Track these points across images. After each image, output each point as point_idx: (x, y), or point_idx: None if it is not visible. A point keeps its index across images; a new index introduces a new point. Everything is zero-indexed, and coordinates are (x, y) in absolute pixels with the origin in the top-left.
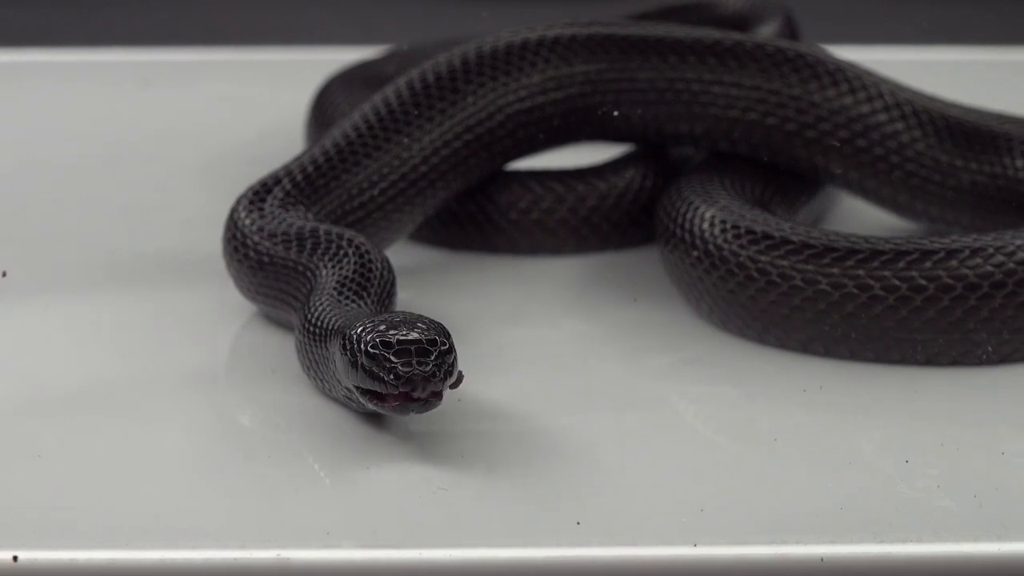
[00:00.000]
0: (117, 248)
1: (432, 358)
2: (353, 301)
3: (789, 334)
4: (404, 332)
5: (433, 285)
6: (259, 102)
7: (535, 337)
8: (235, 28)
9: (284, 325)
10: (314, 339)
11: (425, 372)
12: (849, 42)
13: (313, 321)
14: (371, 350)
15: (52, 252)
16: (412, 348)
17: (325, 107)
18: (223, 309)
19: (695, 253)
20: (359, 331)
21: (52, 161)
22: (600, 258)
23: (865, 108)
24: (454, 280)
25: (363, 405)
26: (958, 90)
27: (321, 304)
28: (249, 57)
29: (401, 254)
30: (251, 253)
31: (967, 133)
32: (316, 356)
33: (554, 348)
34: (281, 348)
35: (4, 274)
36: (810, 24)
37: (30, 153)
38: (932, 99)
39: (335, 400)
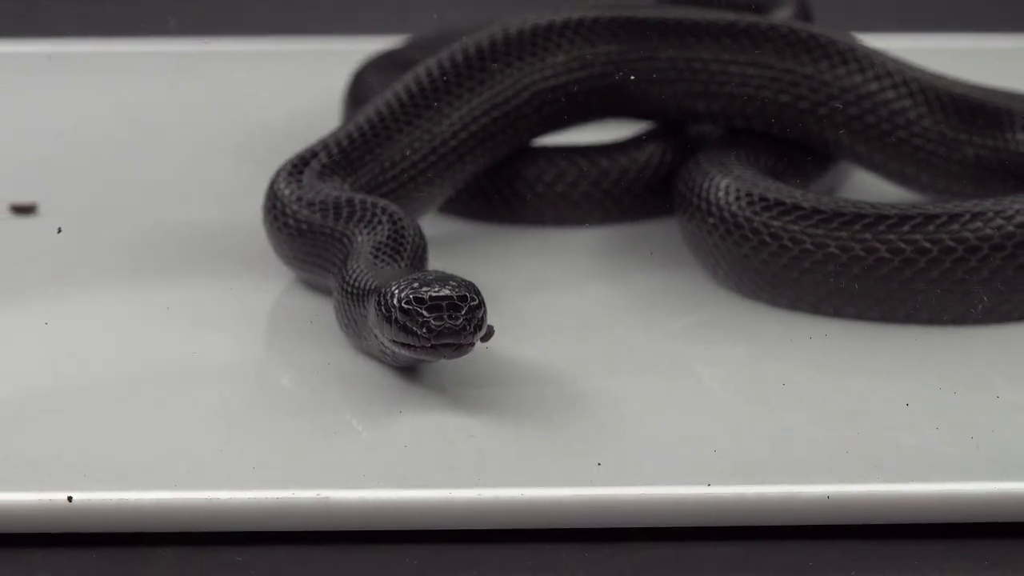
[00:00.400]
0: (163, 219)
1: (463, 312)
2: (387, 264)
3: (800, 296)
4: (436, 289)
5: (463, 255)
6: (296, 88)
7: (560, 303)
8: (269, 18)
9: (322, 290)
10: (352, 299)
11: (456, 325)
12: (863, 30)
13: (350, 282)
14: (405, 306)
15: (102, 224)
16: (443, 303)
17: (360, 89)
18: (263, 274)
19: (711, 220)
20: (394, 289)
21: (101, 142)
22: (621, 229)
23: (874, 86)
24: (483, 250)
25: (397, 358)
26: (970, 76)
27: (358, 267)
28: (285, 47)
29: (431, 226)
30: (290, 221)
31: (971, 109)
32: (354, 314)
33: (578, 312)
34: (318, 311)
35: (60, 230)
36: (825, 13)
37: (78, 135)
38: (938, 77)
39: (371, 356)
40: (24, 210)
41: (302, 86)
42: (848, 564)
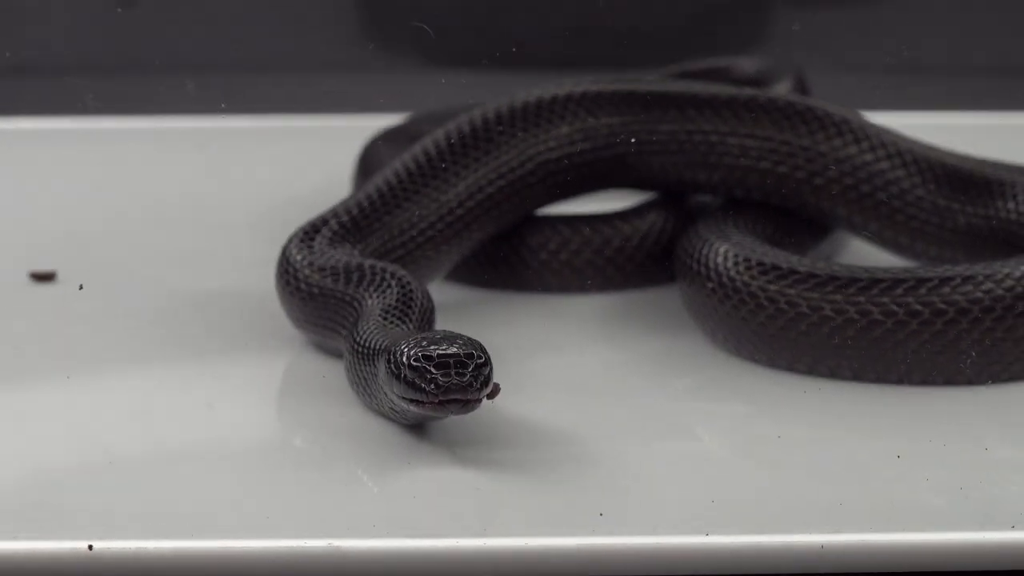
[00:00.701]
0: (179, 287)
1: (470, 369)
2: (396, 325)
3: (796, 357)
4: (444, 347)
5: (470, 319)
6: (307, 163)
7: (564, 364)
8: (279, 97)
9: (333, 352)
10: (362, 358)
11: (463, 382)
12: (858, 106)
13: (361, 343)
14: (414, 363)
15: (120, 291)
16: (451, 360)
17: (370, 161)
18: (276, 338)
19: (710, 284)
20: (403, 347)
21: (120, 214)
22: (624, 295)
23: (868, 157)
24: (489, 315)
25: (407, 415)
26: (964, 151)
27: (368, 328)
28: (297, 123)
29: (438, 292)
30: (302, 285)
31: (962, 179)
32: (364, 373)
33: (581, 373)
34: (329, 372)
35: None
36: (822, 89)
37: (97, 208)
38: (930, 148)
39: (382, 414)
40: (43, 277)
41: (313, 161)
42: None
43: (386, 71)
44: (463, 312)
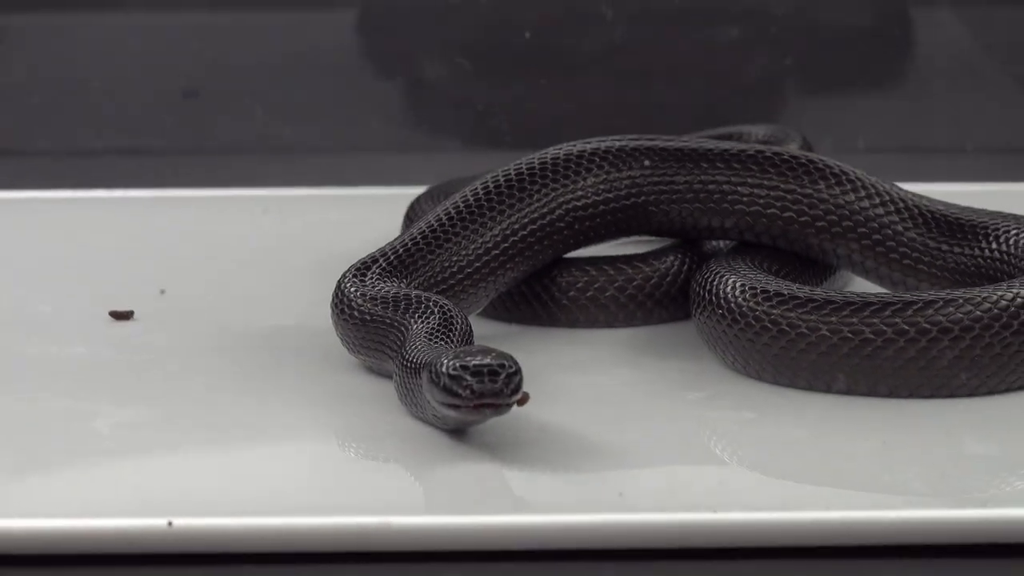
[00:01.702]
0: (250, 324)
1: (501, 377)
2: (439, 344)
3: (797, 374)
4: (479, 358)
5: (505, 347)
6: (358, 224)
7: (589, 382)
8: (336, 171)
9: (383, 374)
10: (409, 372)
11: (496, 388)
12: None
13: (408, 359)
14: (452, 372)
15: (197, 328)
16: (485, 370)
17: (415, 214)
18: (333, 363)
19: (719, 311)
20: (443, 359)
21: (199, 269)
22: (645, 329)
23: (866, 203)
24: (523, 344)
25: (447, 421)
26: None
27: (414, 346)
28: (350, 193)
29: (477, 327)
30: (355, 313)
31: (949, 223)
32: (410, 385)
33: (604, 388)
34: (381, 387)
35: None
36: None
37: (181, 265)
38: (920, 196)
39: (426, 422)
40: (122, 316)
41: (365, 222)
42: None
43: (427, 150)
44: (499, 342)
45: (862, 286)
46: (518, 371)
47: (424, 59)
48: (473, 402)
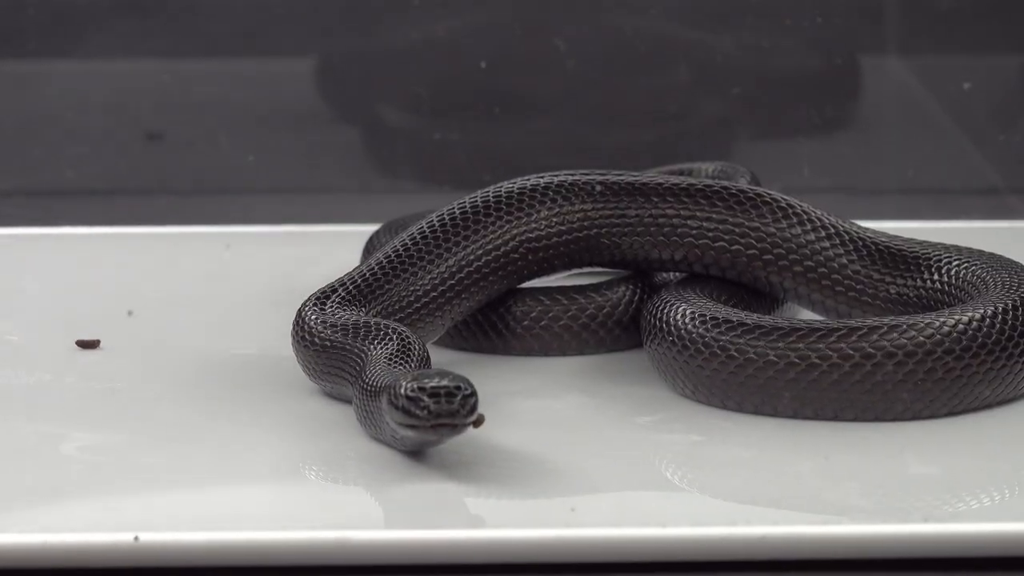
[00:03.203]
0: (210, 351)
1: (457, 399)
2: (397, 368)
3: (745, 398)
4: (436, 380)
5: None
6: (318, 258)
7: (541, 406)
8: (296, 210)
9: (341, 399)
10: (368, 395)
11: (452, 409)
12: None
13: (367, 382)
14: (410, 394)
15: (162, 356)
16: (442, 391)
17: (374, 246)
18: (293, 389)
19: (669, 338)
20: (401, 382)
21: (165, 300)
22: (596, 357)
23: (811, 236)
24: (479, 372)
25: (405, 442)
26: None
27: (373, 371)
28: (310, 230)
29: (433, 355)
30: (316, 340)
31: (892, 255)
32: (370, 408)
33: (556, 412)
34: (340, 412)
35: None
36: None
37: (146, 297)
38: (864, 228)
39: (384, 443)
40: (88, 345)
41: (324, 256)
42: None
43: (385, 191)
44: (455, 369)
45: (810, 317)
46: (474, 393)
47: (381, 103)
48: (431, 422)
